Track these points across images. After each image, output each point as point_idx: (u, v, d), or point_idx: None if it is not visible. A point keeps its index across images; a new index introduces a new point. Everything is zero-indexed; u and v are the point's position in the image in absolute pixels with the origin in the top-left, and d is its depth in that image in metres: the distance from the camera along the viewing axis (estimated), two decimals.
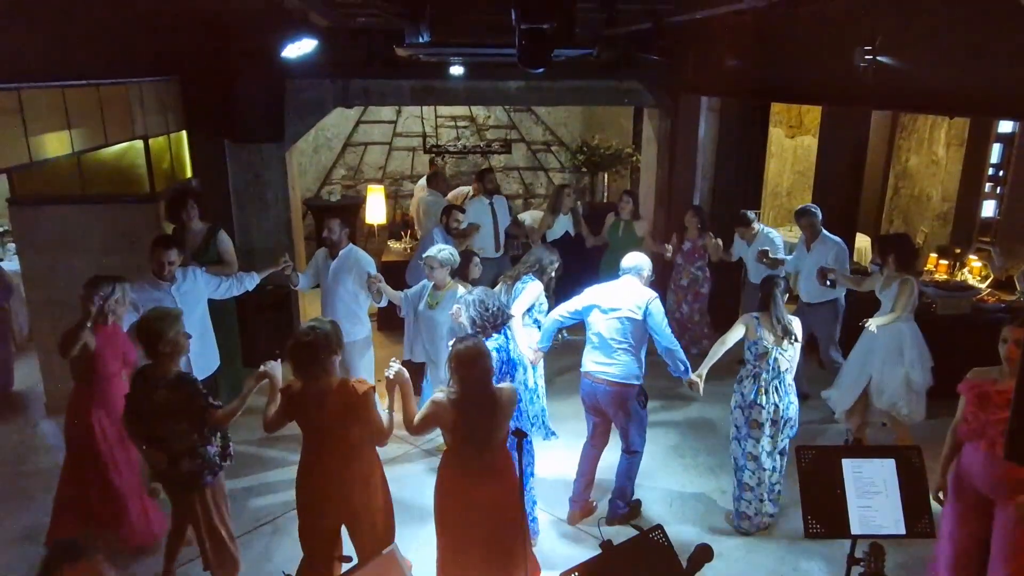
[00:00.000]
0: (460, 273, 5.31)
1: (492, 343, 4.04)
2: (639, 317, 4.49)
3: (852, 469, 3.02)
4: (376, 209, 9.40)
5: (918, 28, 3.83)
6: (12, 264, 6.92)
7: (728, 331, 4.61)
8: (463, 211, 6.65)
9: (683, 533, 4.60)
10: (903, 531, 2.95)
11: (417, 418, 3.51)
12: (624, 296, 4.54)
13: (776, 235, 6.70)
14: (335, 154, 10.77)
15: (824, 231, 6.11)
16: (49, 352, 5.90)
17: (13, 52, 3.99)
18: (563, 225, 7.56)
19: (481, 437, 3.43)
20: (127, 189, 5.86)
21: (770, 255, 6.31)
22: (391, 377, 3.55)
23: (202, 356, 4.85)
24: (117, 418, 3.99)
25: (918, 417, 5.24)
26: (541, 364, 5.06)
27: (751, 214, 6.72)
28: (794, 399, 4.56)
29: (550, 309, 5.04)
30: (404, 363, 3.67)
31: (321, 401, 3.40)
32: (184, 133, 6.50)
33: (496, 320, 4.11)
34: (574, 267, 5.19)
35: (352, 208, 9.96)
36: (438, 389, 3.57)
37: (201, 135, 6.58)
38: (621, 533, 2.61)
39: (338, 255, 5.43)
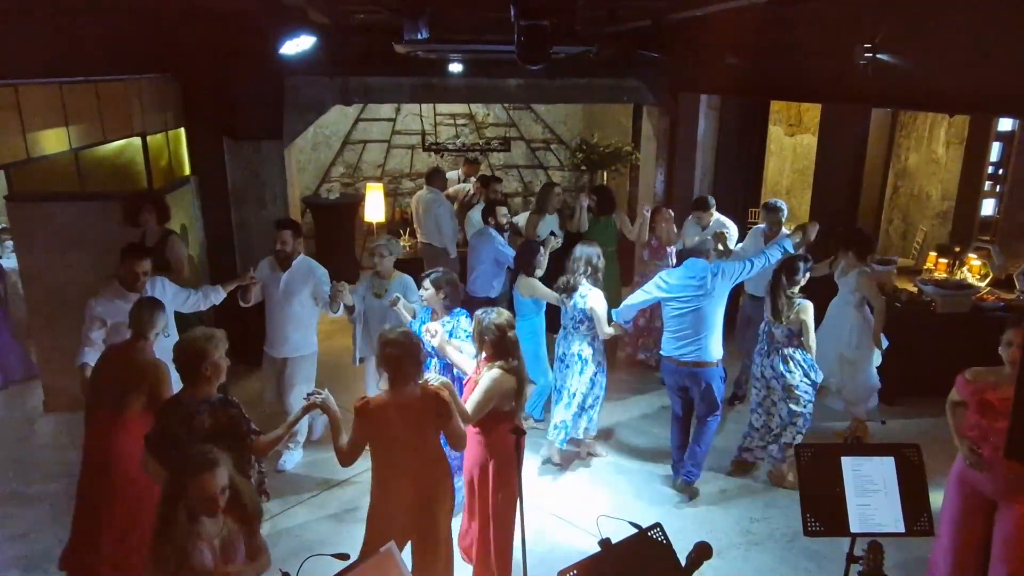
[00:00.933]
0: (525, 268, 5.30)
1: (447, 326, 4.38)
2: (705, 293, 4.65)
3: (851, 467, 3.02)
4: (375, 207, 9.39)
5: (918, 25, 3.82)
6: (10, 261, 6.90)
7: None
8: (505, 205, 6.70)
9: (682, 531, 4.59)
10: (902, 529, 2.94)
11: (479, 398, 3.56)
12: (687, 280, 4.71)
13: (731, 224, 6.63)
14: (334, 152, 10.75)
15: (784, 229, 6.19)
16: (47, 348, 5.90)
17: (11, 48, 3.98)
18: (549, 225, 7.26)
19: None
20: (125, 186, 5.85)
21: (726, 241, 6.30)
22: (438, 386, 3.43)
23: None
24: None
25: (855, 399, 5.48)
26: (589, 374, 5.10)
27: (711, 199, 6.69)
28: (794, 370, 4.79)
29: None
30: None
31: (407, 409, 3.31)
32: (183, 130, 6.49)
33: (460, 298, 4.52)
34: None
35: (351, 206, 9.95)
36: (487, 368, 3.68)
37: (200, 132, 6.57)
38: (620, 531, 2.60)
39: (290, 266, 5.18)
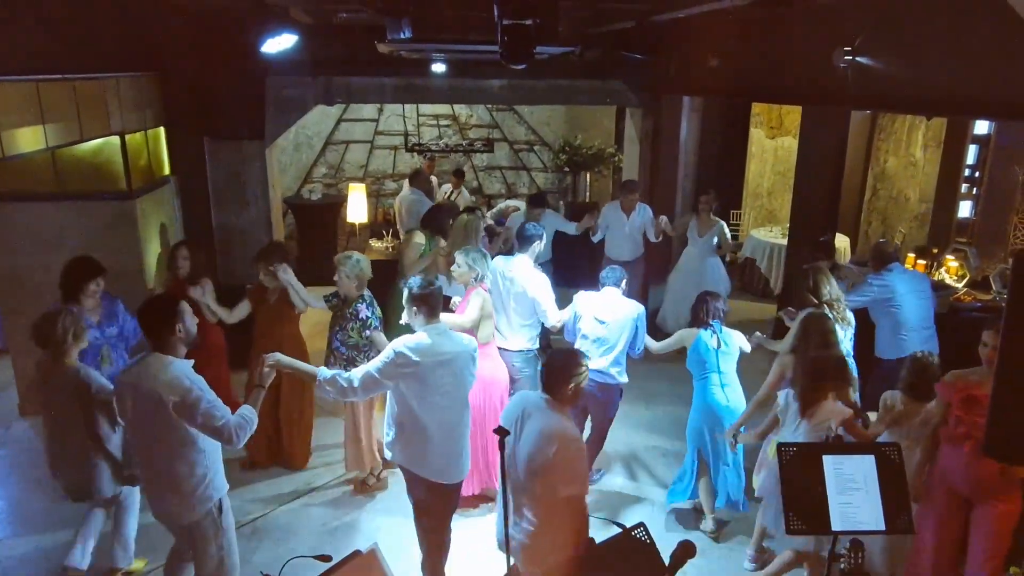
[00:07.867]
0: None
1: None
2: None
3: (833, 465, 3.04)
4: (357, 208, 9.35)
5: (897, 29, 3.86)
6: None
7: None
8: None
9: (666, 530, 4.61)
10: (883, 527, 2.97)
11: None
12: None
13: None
14: (316, 152, 10.69)
15: (640, 203, 6.95)
16: (23, 353, 5.78)
17: None
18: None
19: None
20: (103, 186, 5.77)
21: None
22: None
23: None
24: None
25: None
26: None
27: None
28: None
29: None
30: None
31: None
32: (162, 129, 6.42)
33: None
34: None
35: (333, 207, 9.90)
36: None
37: (179, 131, 6.50)
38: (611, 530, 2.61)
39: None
